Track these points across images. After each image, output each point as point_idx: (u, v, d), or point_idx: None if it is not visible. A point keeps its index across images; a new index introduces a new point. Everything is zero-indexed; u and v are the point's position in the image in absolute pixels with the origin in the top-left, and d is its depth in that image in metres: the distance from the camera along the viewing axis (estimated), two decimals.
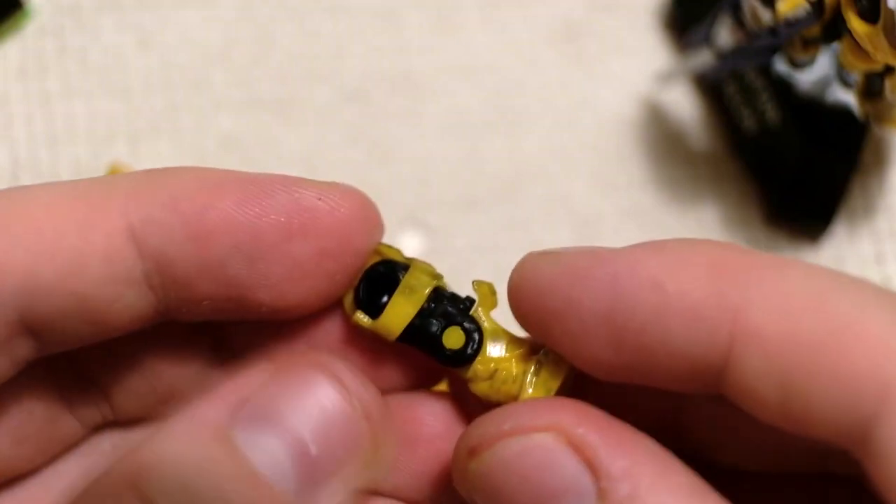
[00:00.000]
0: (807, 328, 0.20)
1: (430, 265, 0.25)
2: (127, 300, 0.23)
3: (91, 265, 0.22)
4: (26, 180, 0.40)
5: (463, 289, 0.25)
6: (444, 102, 0.42)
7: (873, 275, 0.40)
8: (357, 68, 0.42)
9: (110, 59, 0.42)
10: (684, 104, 0.42)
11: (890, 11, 0.32)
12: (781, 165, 0.40)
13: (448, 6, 0.43)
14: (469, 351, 0.24)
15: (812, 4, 0.34)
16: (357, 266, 0.24)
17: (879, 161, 0.41)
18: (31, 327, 0.23)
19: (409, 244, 0.40)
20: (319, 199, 0.23)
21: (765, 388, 0.20)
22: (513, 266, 0.22)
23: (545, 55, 0.42)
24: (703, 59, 0.39)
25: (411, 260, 0.25)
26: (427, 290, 0.24)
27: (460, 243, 0.40)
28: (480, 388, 0.24)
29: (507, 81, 0.42)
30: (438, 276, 0.25)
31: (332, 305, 0.25)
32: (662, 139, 0.41)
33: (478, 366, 0.24)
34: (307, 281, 0.24)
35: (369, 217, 0.25)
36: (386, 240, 0.25)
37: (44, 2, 0.42)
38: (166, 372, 0.25)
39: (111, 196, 0.23)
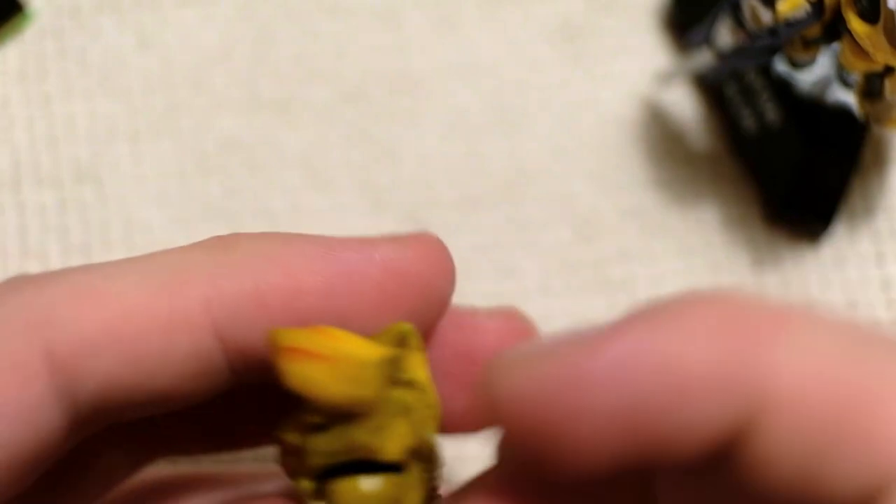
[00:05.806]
0: (841, 392, 0.18)
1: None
2: (205, 385, 0.22)
3: (175, 366, 0.21)
4: (28, 183, 0.40)
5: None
6: (444, 102, 0.42)
7: (873, 275, 0.40)
8: (357, 68, 0.42)
9: (110, 60, 0.42)
10: (684, 104, 0.42)
11: (890, 11, 0.32)
12: (781, 165, 0.40)
13: (448, 6, 0.43)
14: None
15: (812, 4, 0.34)
16: (440, 315, 0.24)
17: (879, 161, 0.41)
18: (104, 416, 0.22)
19: None
20: (405, 261, 0.22)
21: (788, 456, 0.18)
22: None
23: (545, 55, 0.42)
24: (703, 59, 0.39)
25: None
26: None
27: (460, 243, 0.40)
28: None
29: (507, 81, 0.42)
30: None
31: None
32: (662, 139, 0.41)
33: None
34: None
35: (449, 264, 0.24)
36: None
37: (43, 4, 0.42)
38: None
39: (190, 284, 0.22)
